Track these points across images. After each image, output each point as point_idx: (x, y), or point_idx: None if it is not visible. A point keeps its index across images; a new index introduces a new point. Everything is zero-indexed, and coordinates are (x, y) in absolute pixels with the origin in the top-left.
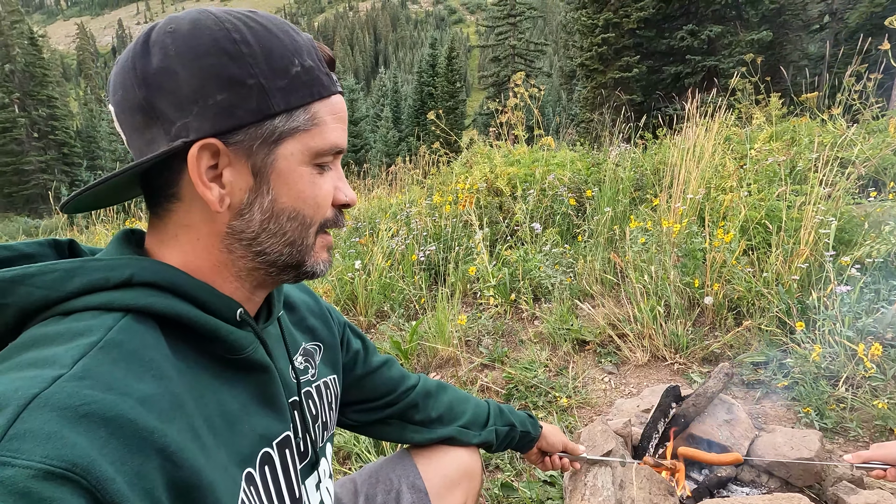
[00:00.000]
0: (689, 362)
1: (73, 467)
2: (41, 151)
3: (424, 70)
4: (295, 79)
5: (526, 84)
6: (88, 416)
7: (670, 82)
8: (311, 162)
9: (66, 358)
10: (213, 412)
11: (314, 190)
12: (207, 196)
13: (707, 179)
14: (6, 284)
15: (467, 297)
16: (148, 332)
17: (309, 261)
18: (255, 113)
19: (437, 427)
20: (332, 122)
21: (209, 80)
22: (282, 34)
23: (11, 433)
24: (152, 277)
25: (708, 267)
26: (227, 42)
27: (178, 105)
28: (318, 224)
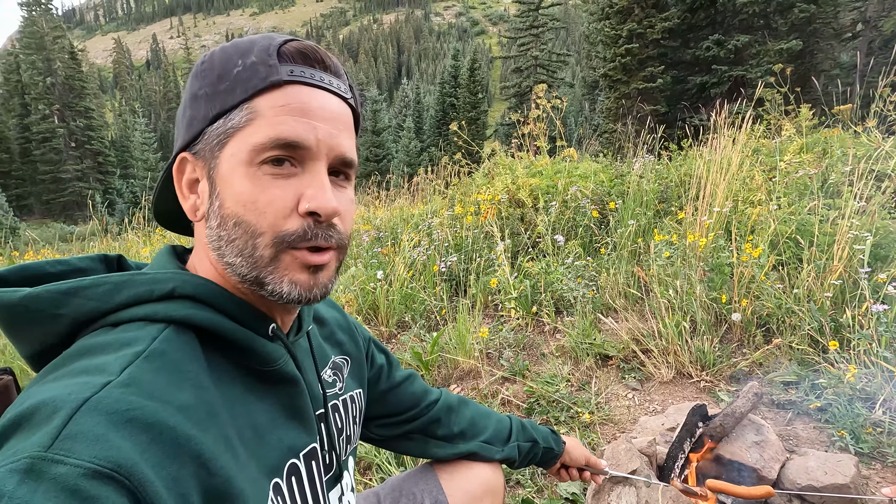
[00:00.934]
0: (715, 380)
1: (118, 468)
2: (78, 160)
3: (447, 81)
4: (235, 79)
5: (548, 95)
6: (132, 421)
7: (695, 92)
8: (255, 160)
9: (115, 366)
10: (245, 423)
11: (256, 193)
12: (185, 205)
13: (734, 192)
14: (61, 296)
15: (488, 308)
16: (188, 343)
17: (269, 278)
18: (203, 120)
19: (460, 442)
20: (275, 114)
21: (185, 103)
22: (245, 42)
23: (65, 433)
24: (192, 291)
25: (735, 282)
26: (198, 65)
27: (177, 130)
28: (268, 234)
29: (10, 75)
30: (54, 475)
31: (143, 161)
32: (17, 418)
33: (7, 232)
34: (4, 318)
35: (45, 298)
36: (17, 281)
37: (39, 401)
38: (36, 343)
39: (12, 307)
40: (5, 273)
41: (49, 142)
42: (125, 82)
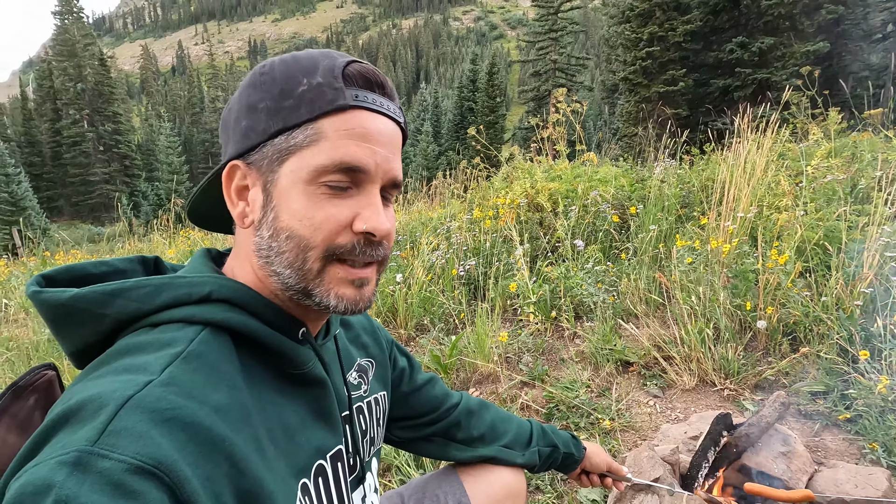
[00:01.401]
0: (740, 389)
1: (158, 465)
2: (105, 164)
3: (465, 85)
4: (300, 97)
5: (567, 99)
6: (172, 420)
7: (718, 96)
8: (316, 181)
9: (156, 366)
10: (275, 424)
11: (313, 210)
12: (233, 211)
13: (759, 197)
14: (106, 297)
15: (507, 312)
16: (223, 345)
17: (317, 290)
18: (262, 133)
19: (480, 446)
20: (339, 137)
21: (241, 111)
22: (307, 59)
23: (110, 429)
24: (228, 294)
25: (761, 289)
26: (256, 76)
27: (226, 136)
28: (320, 248)
29: (44, 81)
30: (100, 469)
31: (167, 164)
32: (66, 413)
33: (39, 233)
34: (52, 317)
35: (90, 299)
36: (63, 281)
37: (86, 397)
38: (79, 341)
39: (60, 306)
40: (53, 273)
41: (79, 145)
42: (151, 88)
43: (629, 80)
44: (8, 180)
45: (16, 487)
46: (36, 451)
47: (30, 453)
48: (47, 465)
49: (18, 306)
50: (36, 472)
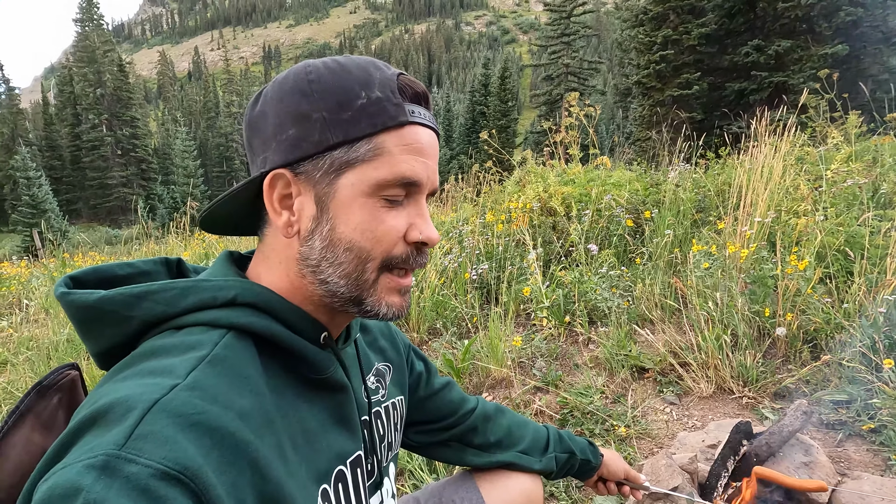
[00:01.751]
0: (759, 397)
1: (185, 471)
2: (123, 167)
3: (477, 89)
4: (360, 111)
5: (580, 103)
6: (197, 425)
7: (734, 99)
8: (376, 194)
9: (181, 369)
10: (296, 429)
11: (374, 223)
12: (277, 221)
13: (777, 202)
14: (133, 299)
15: (520, 317)
16: (247, 349)
17: (369, 299)
18: (317, 144)
19: (496, 452)
20: (400, 153)
21: (286, 118)
22: (357, 70)
23: (137, 433)
24: (253, 299)
25: (780, 295)
26: (303, 83)
27: (265, 141)
28: (378, 259)
29: (64, 87)
30: (127, 474)
31: (182, 168)
32: (93, 414)
33: (59, 235)
34: (80, 318)
35: (118, 301)
36: (90, 282)
37: (114, 399)
38: (105, 342)
39: (88, 308)
40: (80, 275)
41: (97, 149)
42: (168, 93)
43: (643, 84)
44: (29, 183)
45: (44, 490)
46: (63, 452)
47: (57, 455)
48: (75, 467)
49: (39, 306)
50: (64, 474)
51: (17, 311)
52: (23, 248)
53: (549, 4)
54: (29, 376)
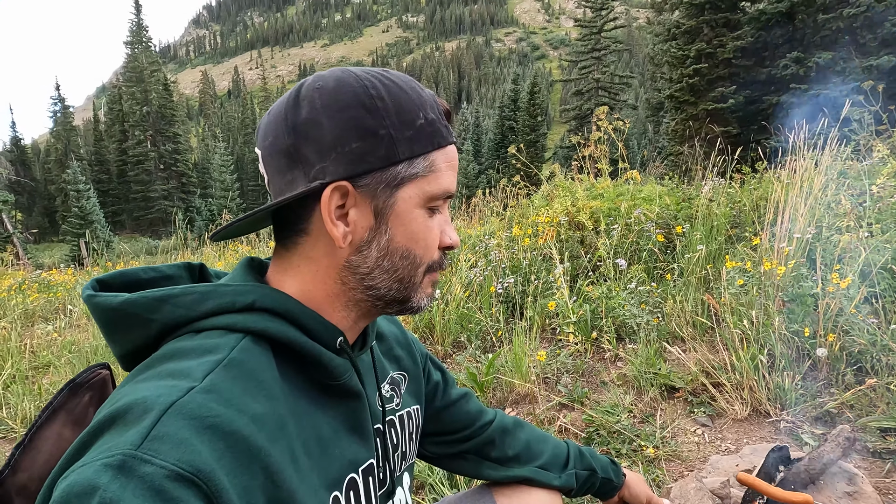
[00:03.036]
0: (798, 421)
1: (198, 473)
2: (164, 181)
3: (506, 105)
4: (419, 130)
5: (609, 117)
6: (212, 427)
7: (771, 113)
8: (425, 205)
9: (198, 372)
10: (310, 435)
11: (426, 232)
12: (334, 232)
13: (818, 217)
14: (155, 303)
15: (545, 332)
16: (263, 353)
17: (415, 297)
18: (383, 159)
19: (514, 466)
20: (446, 168)
21: (349, 130)
22: (410, 90)
23: (153, 434)
24: (271, 304)
25: (820, 315)
26: (365, 97)
27: (320, 151)
28: (426, 264)
29: (114, 105)
30: (142, 474)
31: (220, 182)
32: (113, 415)
33: (103, 244)
34: (105, 320)
35: (140, 304)
36: (116, 285)
37: (133, 400)
38: (128, 344)
39: (112, 310)
40: (106, 278)
41: (142, 164)
42: (209, 110)
43: (675, 98)
44: (79, 196)
45: (63, 487)
46: (83, 450)
47: (77, 452)
48: (93, 466)
49: (82, 312)
50: (82, 472)
51: (61, 316)
52: (70, 257)
53: (579, 20)
54: (69, 378)
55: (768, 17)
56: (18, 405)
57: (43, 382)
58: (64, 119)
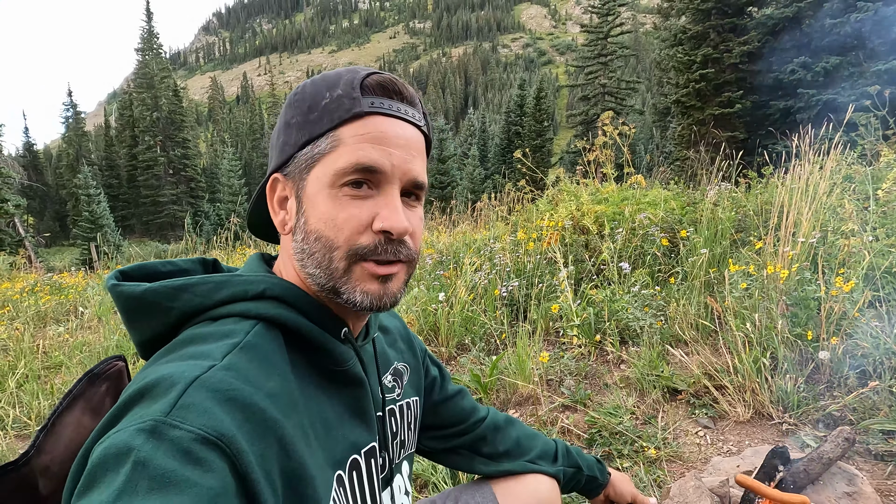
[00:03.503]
0: (800, 423)
1: (221, 437)
2: (174, 186)
3: (512, 110)
4: (323, 109)
5: (615, 122)
6: (232, 399)
7: (779, 118)
8: (336, 184)
9: (217, 353)
10: (316, 416)
11: (335, 212)
12: (275, 219)
13: (822, 222)
14: (174, 291)
15: (549, 335)
16: (275, 339)
17: (343, 287)
18: (294, 146)
19: (504, 461)
20: (355, 142)
21: (279, 129)
22: (333, 75)
23: (180, 404)
24: (280, 293)
25: (823, 318)
26: (291, 96)
27: (271, 153)
28: (344, 248)
29: (125, 111)
30: (172, 437)
31: (228, 187)
32: (142, 389)
33: (113, 248)
34: (127, 308)
35: (161, 292)
36: (137, 277)
37: (160, 376)
38: (147, 331)
39: (135, 299)
40: (128, 270)
41: (151, 169)
42: (218, 115)
43: (682, 103)
44: (90, 200)
45: (100, 450)
46: (115, 421)
47: (110, 423)
48: (127, 431)
49: (93, 314)
50: (118, 437)
51: (73, 318)
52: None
53: (585, 26)
54: None
55: (775, 21)
56: (31, 403)
57: (55, 382)
58: (76, 125)
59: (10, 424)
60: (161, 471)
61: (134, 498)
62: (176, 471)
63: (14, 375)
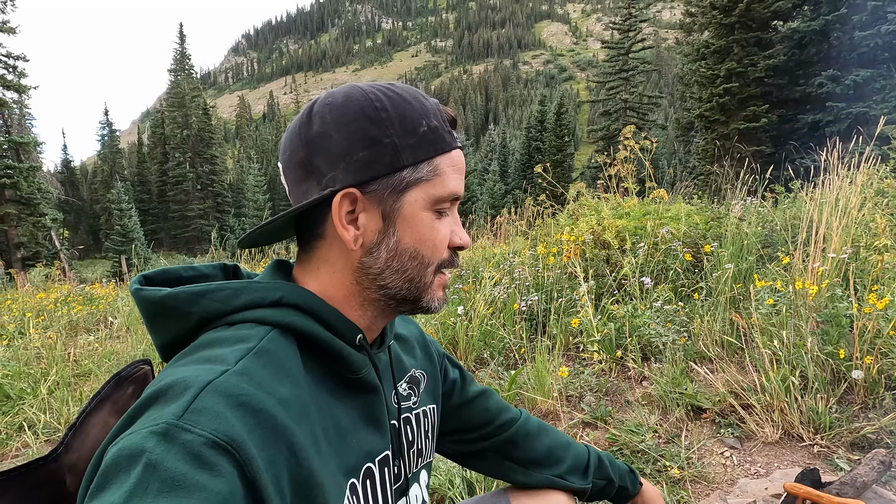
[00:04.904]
0: (832, 445)
1: (231, 442)
2: (201, 200)
3: (533, 125)
4: (422, 137)
5: (637, 137)
6: (244, 405)
7: (807, 132)
8: (432, 208)
9: (231, 358)
10: (329, 423)
11: (433, 233)
12: (345, 236)
13: (854, 237)
14: (194, 297)
15: (569, 350)
16: (289, 345)
17: (425, 297)
18: (388, 166)
19: (534, 470)
20: (450, 172)
21: (355, 141)
22: (413, 100)
23: (193, 407)
24: (296, 300)
25: (856, 336)
26: (370, 109)
27: (330, 161)
28: (435, 264)
29: (157, 129)
30: (183, 440)
31: (253, 201)
32: (157, 392)
33: (142, 261)
34: (149, 312)
35: (181, 297)
36: (159, 281)
37: (174, 380)
38: (168, 335)
39: (156, 303)
40: (152, 274)
41: (181, 184)
42: (244, 133)
43: (705, 118)
44: (122, 214)
45: (114, 451)
46: (131, 422)
47: (125, 424)
48: (140, 433)
49: (121, 324)
50: (131, 438)
51: (102, 328)
52: (111, 273)
53: (606, 42)
54: None
55: (802, 35)
56: (62, 409)
57: (84, 389)
58: (111, 142)
59: (41, 429)
60: (171, 474)
61: (144, 500)
62: (186, 474)
63: (46, 382)
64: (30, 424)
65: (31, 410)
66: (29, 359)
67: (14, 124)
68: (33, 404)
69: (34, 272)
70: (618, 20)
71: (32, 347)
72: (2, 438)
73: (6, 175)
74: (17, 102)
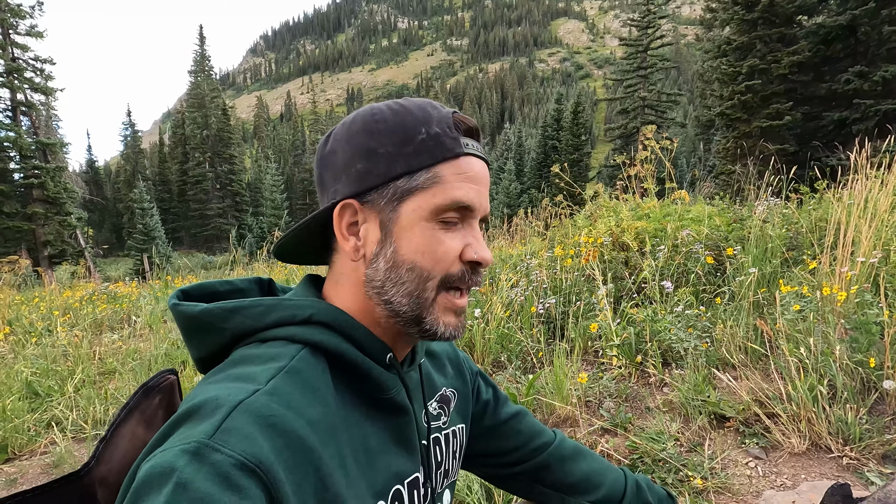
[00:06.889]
0: (863, 458)
1: (260, 465)
2: (220, 200)
3: (549, 124)
4: (419, 145)
5: (657, 136)
6: (273, 426)
7: (833, 129)
8: (434, 218)
9: (262, 376)
10: (358, 445)
11: (433, 244)
12: (345, 246)
13: (885, 240)
14: (227, 313)
15: (588, 354)
16: (319, 364)
17: (428, 318)
18: (382, 176)
19: (568, 496)
20: (455, 180)
21: (355, 154)
22: (417, 110)
23: (223, 427)
24: (327, 318)
25: (887, 344)
26: (370, 123)
27: (335, 175)
28: (437, 278)
29: (177, 129)
30: (213, 461)
31: (271, 201)
32: (189, 410)
33: (163, 260)
34: (185, 326)
35: (215, 313)
36: (196, 296)
37: (206, 398)
38: (204, 349)
39: (192, 318)
40: (189, 289)
41: (200, 184)
42: (262, 133)
43: (726, 116)
44: (143, 213)
45: (146, 469)
46: (164, 439)
47: (158, 441)
48: (172, 451)
49: (144, 323)
50: (163, 456)
51: (126, 326)
52: (134, 271)
53: (624, 39)
54: (132, 384)
55: (828, 30)
56: (88, 408)
57: (109, 387)
58: (133, 142)
59: (69, 428)
60: (200, 494)
61: None
62: (214, 495)
63: (73, 380)
64: (57, 422)
65: (59, 408)
66: (56, 356)
67: (41, 126)
68: (60, 402)
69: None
70: (636, 17)
71: (59, 345)
72: (31, 436)
73: (34, 175)
74: (44, 104)
